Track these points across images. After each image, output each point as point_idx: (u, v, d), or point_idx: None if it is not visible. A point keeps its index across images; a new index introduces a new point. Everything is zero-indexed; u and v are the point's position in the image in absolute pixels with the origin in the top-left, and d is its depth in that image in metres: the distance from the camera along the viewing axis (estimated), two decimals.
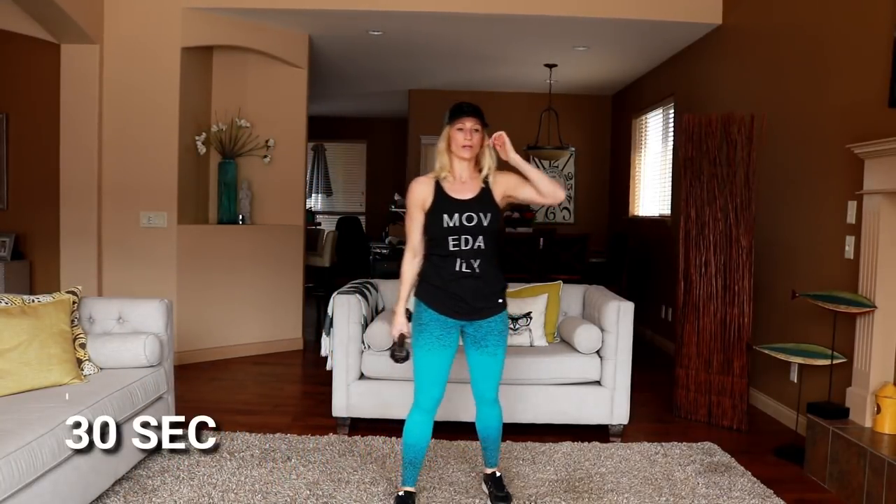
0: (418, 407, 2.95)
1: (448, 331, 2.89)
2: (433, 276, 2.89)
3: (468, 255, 2.83)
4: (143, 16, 5.36)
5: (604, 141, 9.08)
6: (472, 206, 2.85)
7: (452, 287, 2.85)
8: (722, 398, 4.38)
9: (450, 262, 2.85)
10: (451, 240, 2.83)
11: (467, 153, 2.85)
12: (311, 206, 11.91)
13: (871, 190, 3.55)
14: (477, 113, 2.85)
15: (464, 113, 2.84)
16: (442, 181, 2.91)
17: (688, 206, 4.51)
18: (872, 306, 3.50)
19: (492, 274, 2.89)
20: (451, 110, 2.87)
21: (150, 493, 3.10)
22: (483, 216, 2.83)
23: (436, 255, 2.89)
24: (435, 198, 2.88)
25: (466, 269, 2.84)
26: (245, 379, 5.29)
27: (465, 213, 2.83)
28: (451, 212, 2.83)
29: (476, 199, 2.87)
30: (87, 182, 5.36)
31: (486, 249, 2.85)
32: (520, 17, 5.53)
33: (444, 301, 2.86)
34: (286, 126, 6.21)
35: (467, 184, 2.90)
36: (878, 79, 3.59)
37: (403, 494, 3.00)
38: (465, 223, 2.82)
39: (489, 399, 3.03)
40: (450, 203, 2.86)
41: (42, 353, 3.04)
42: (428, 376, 2.91)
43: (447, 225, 2.83)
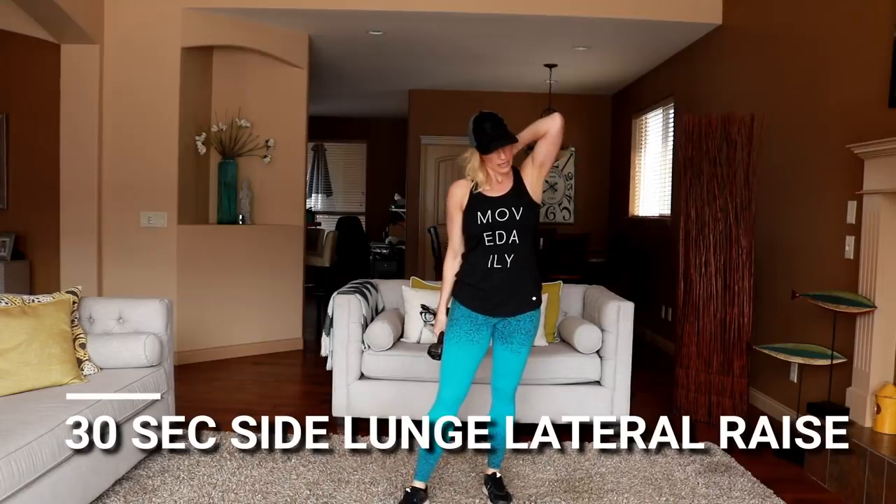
0: (441, 402, 2.96)
1: (478, 328, 2.92)
2: (467, 274, 2.94)
3: (502, 250, 2.86)
4: (143, 16, 5.36)
5: (604, 141, 9.07)
6: (505, 202, 2.87)
7: (484, 283, 2.89)
8: (722, 398, 4.38)
9: (483, 259, 2.89)
10: (486, 236, 2.87)
11: (504, 169, 2.87)
12: (311, 206, 11.91)
13: (871, 190, 3.56)
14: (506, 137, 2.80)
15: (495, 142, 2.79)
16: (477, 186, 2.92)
17: (688, 206, 4.51)
18: (872, 306, 3.50)
19: (525, 270, 2.91)
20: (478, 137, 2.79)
21: (150, 493, 3.10)
22: (516, 210, 2.86)
23: (472, 254, 2.93)
24: (471, 198, 2.91)
25: (498, 263, 2.87)
26: (245, 379, 5.29)
27: (497, 209, 2.85)
28: (485, 209, 2.86)
29: (509, 194, 2.89)
30: (87, 182, 5.37)
31: (521, 244, 2.88)
32: (520, 17, 5.53)
33: (475, 298, 2.91)
34: (286, 126, 6.21)
35: (502, 183, 2.92)
36: (878, 79, 3.59)
37: (411, 490, 3.03)
38: (497, 219, 2.85)
39: (506, 395, 3.05)
40: (483, 201, 2.88)
41: (42, 353, 3.04)
42: (453, 371, 2.93)
43: (480, 221, 2.85)
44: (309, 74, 6.31)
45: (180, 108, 5.45)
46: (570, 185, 9.19)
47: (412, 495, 3.01)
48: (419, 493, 3.02)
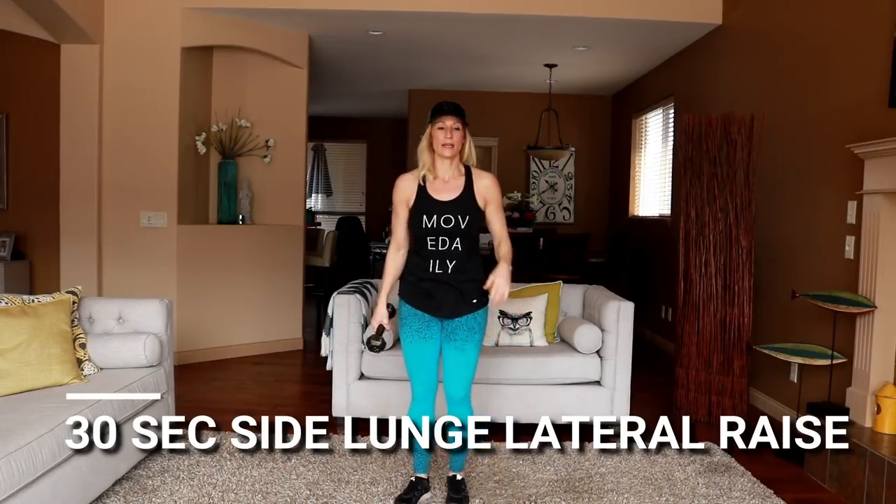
0: (415, 397, 3.04)
1: (426, 324, 2.95)
2: (410, 273, 2.96)
3: (444, 256, 2.87)
4: (143, 16, 5.36)
5: (604, 141, 9.07)
6: (451, 208, 2.86)
7: (426, 285, 2.91)
8: (722, 398, 4.38)
9: (425, 262, 2.90)
10: (430, 240, 2.87)
11: (448, 151, 2.85)
12: (311, 206, 11.91)
13: (871, 190, 3.55)
14: (457, 111, 2.86)
15: (444, 112, 2.85)
16: (425, 180, 2.91)
17: (688, 206, 4.50)
18: (872, 306, 3.50)
19: (467, 276, 2.90)
20: (432, 109, 2.89)
21: (150, 493, 3.10)
22: (461, 219, 2.85)
23: (415, 254, 2.94)
24: (417, 197, 2.90)
25: (440, 269, 2.88)
26: (245, 379, 5.29)
27: (443, 214, 2.85)
28: (430, 212, 2.86)
29: (456, 200, 2.88)
30: (87, 182, 5.37)
31: (462, 251, 2.88)
32: (520, 17, 5.53)
33: (418, 298, 2.93)
34: (286, 126, 6.21)
35: (449, 183, 2.91)
36: (878, 79, 3.59)
37: (415, 480, 3.11)
38: (442, 225, 2.85)
39: (455, 398, 3.00)
40: (430, 203, 2.88)
41: (42, 353, 3.04)
42: (414, 367, 3.00)
43: (425, 225, 2.86)
44: (309, 74, 6.31)
45: (180, 108, 5.44)
46: (570, 185, 9.19)
47: (416, 483, 3.10)
48: (423, 482, 3.11)
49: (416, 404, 3.04)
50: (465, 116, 2.88)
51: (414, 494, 3.08)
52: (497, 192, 2.95)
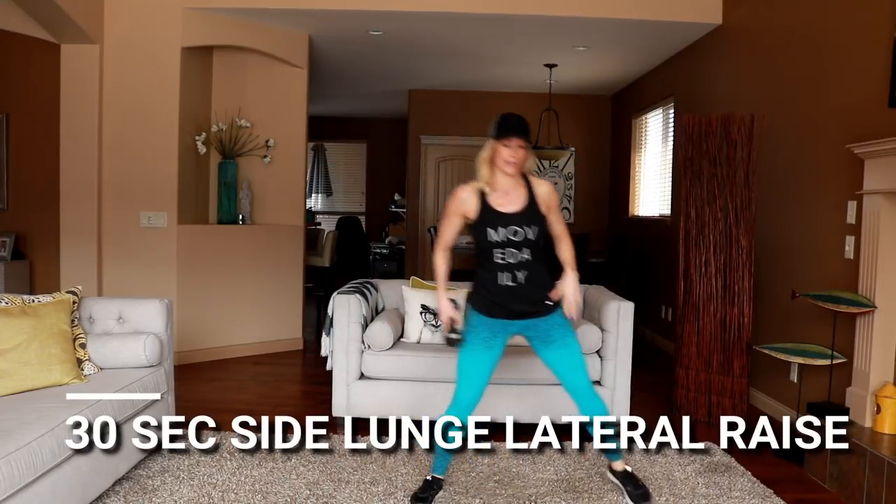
0: (456, 404, 3.01)
1: (494, 334, 2.96)
2: (482, 287, 2.96)
3: (513, 268, 2.89)
4: (143, 16, 5.36)
5: (604, 141, 9.08)
6: (518, 220, 2.87)
7: (499, 298, 2.93)
8: (722, 398, 4.38)
9: (494, 275, 2.91)
10: (497, 252, 2.88)
11: (511, 169, 2.85)
12: (311, 206, 11.91)
13: (871, 190, 3.56)
14: (525, 131, 2.84)
15: (512, 131, 2.82)
16: (484, 193, 2.91)
17: (688, 206, 4.51)
18: (872, 306, 3.50)
19: (536, 282, 2.94)
20: (499, 124, 2.84)
21: (150, 493, 3.10)
22: (529, 229, 2.87)
23: (483, 268, 2.95)
24: (481, 210, 2.89)
25: (511, 281, 2.90)
26: (245, 379, 5.29)
27: (510, 226, 2.86)
28: (496, 225, 2.86)
29: (522, 212, 2.88)
30: (87, 182, 5.37)
31: (532, 260, 2.90)
32: (520, 17, 5.53)
33: (492, 307, 2.94)
34: (286, 126, 6.21)
35: (511, 195, 2.90)
36: (878, 79, 3.59)
37: (431, 479, 3.11)
38: (511, 237, 2.86)
39: (584, 390, 3.00)
40: (495, 216, 2.87)
41: (42, 353, 3.04)
42: (468, 375, 2.98)
43: (492, 239, 2.86)
44: (309, 74, 6.31)
45: (180, 109, 5.44)
46: (570, 185, 9.19)
47: (433, 483, 3.10)
48: (439, 482, 3.12)
49: (455, 408, 3.00)
50: (530, 136, 2.87)
51: (430, 494, 3.08)
52: (556, 198, 3.00)
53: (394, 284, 4.63)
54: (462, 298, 4.41)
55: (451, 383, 3.95)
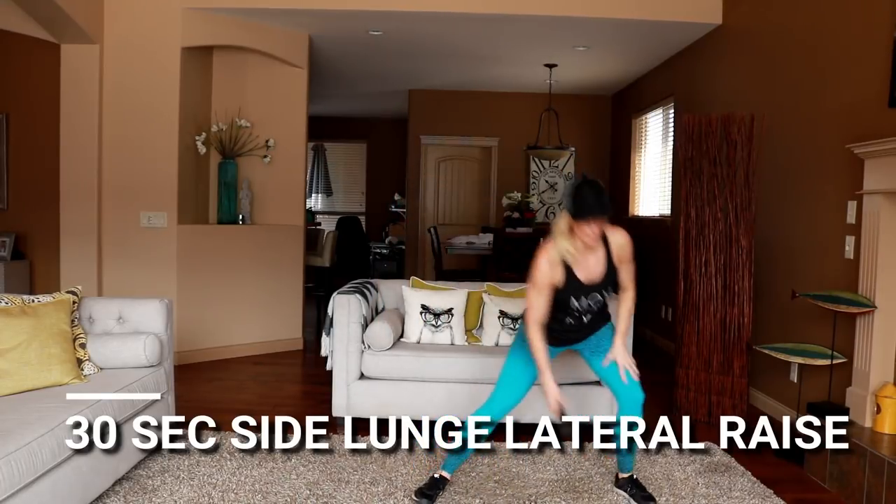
0: (489, 407, 3.07)
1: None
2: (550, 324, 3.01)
3: (582, 314, 3.01)
4: (143, 16, 5.36)
5: (604, 141, 9.08)
6: (599, 287, 2.95)
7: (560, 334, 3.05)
8: (722, 398, 4.38)
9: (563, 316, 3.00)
10: (574, 312, 2.99)
11: (592, 243, 2.87)
12: (311, 206, 11.91)
13: (871, 190, 3.55)
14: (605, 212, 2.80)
15: (594, 214, 2.78)
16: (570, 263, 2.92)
17: (688, 206, 4.51)
18: (872, 306, 3.50)
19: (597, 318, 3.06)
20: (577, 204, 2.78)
21: (150, 493, 3.10)
22: (606, 293, 2.98)
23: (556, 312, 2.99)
24: (566, 280, 2.92)
25: (576, 322, 3.03)
26: (245, 379, 5.29)
27: (592, 293, 2.95)
28: (579, 294, 2.94)
29: (602, 280, 2.95)
30: (87, 182, 5.37)
31: (600, 309, 3.04)
32: (520, 17, 5.53)
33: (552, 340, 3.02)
34: (286, 126, 6.21)
35: (591, 260, 2.93)
36: (878, 79, 3.59)
37: (438, 477, 3.14)
38: (590, 303, 2.97)
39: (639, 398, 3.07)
40: (579, 287, 2.93)
41: (42, 353, 3.04)
42: (510, 384, 3.07)
43: (574, 306, 2.96)
44: (309, 74, 6.31)
45: (180, 109, 5.44)
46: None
47: (440, 481, 3.14)
48: (446, 481, 3.16)
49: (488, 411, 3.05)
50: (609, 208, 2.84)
51: (435, 492, 3.11)
52: (630, 250, 3.00)
53: (394, 284, 4.62)
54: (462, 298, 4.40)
55: (452, 383, 3.97)
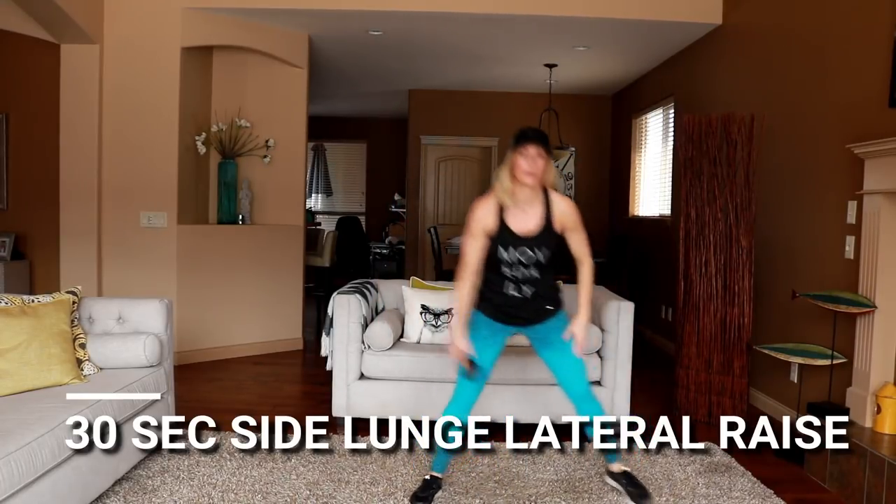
0: (455, 402, 3.05)
1: (494, 333, 3.00)
2: (486, 289, 2.98)
3: (519, 282, 2.93)
4: (142, 16, 5.36)
5: (604, 141, 9.08)
6: (531, 243, 2.88)
7: (503, 307, 2.97)
8: (722, 398, 4.37)
9: (501, 284, 2.94)
10: (504, 268, 2.91)
11: (530, 180, 2.83)
12: (311, 206, 11.91)
13: (871, 190, 3.55)
14: (541, 139, 2.84)
15: (528, 139, 2.82)
16: (504, 208, 2.89)
17: (688, 206, 4.51)
18: (872, 306, 3.50)
19: (542, 294, 2.98)
20: (516, 136, 2.85)
21: (150, 493, 3.10)
22: (540, 252, 2.89)
23: (491, 273, 2.96)
24: (498, 228, 2.89)
25: (517, 293, 2.94)
26: (245, 379, 5.29)
27: (521, 247, 2.87)
28: (508, 245, 2.87)
29: (535, 235, 2.88)
30: (87, 182, 5.37)
31: (540, 278, 2.94)
32: (520, 17, 5.53)
33: (494, 312, 2.98)
34: (286, 126, 6.21)
35: (528, 212, 2.89)
36: (878, 79, 3.59)
37: (430, 478, 3.12)
38: (520, 258, 2.89)
39: (581, 393, 3.03)
40: (509, 236, 2.88)
41: (42, 353, 3.04)
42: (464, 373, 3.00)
43: (501, 257, 2.88)
44: (309, 74, 6.31)
45: (180, 109, 5.44)
46: (570, 185, 9.19)
47: (432, 482, 3.12)
48: (438, 481, 3.14)
49: (454, 406, 3.03)
50: (549, 144, 2.86)
51: (430, 493, 3.09)
52: (575, 216, 2.96)
53: (394, 284, 4.63)
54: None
55: (452, 383, 3.96)
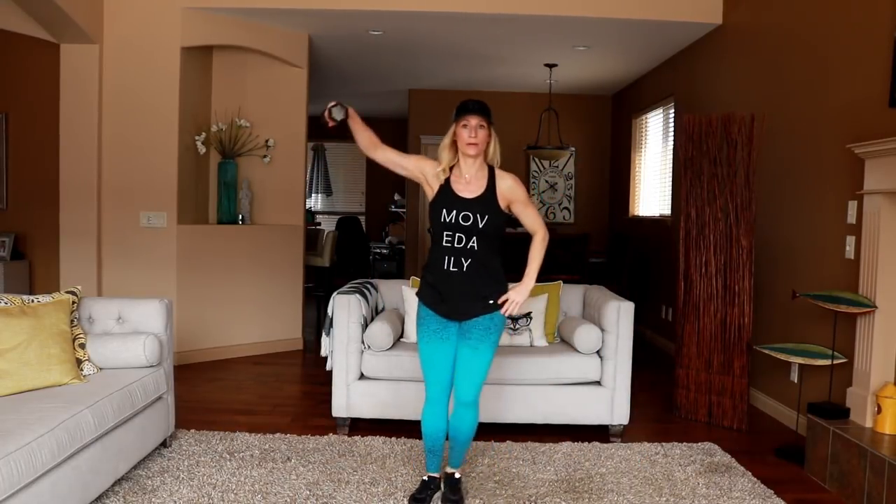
0: (428, 399, 3.01)
1: (444, 325, 2.95)
2: (428, 272, 2.96)
3: (458, 254, 2.86)
4: (142, 16, 5.36)
5: (604, 141, 9.08)
6: (472, 206, 2.85)
7: (441, 285, 2.90)
8: (722, 398, 4.37)
9: (441, 259, 2.89)
10: (446, 235, 2.87)
11: (472, 150, 2.84)
12: (311, 206, 11.91)
13: (871, 190, 3.55)
14: (483, 110, 2.85)
15: (469, 110, 2.84)
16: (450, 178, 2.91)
17: (688, 206, 4.50)
18: (873, 306, 3.50)
19: (482, 275, 2.89)
20: (458, 107, 2.88)
21: (150, 493, 3.10)
22: (480, 218, 2.83)
23: (432, 252, 2.96)
24: (440, 190, 2.90)
25: (454, 267, 2.87)
26: (245, 379, 5.28)
27: (462, 211, 2.84)
28: (450, 207, 2.85)
29: (477, 199, 2.86)
30: (86, 182, 5.36)
31: (479, 251, 2.86)
32: (520, 17, 5.53)
33: (434, 301, 2.93)
34: (286, 126, 6.21)
35: (472, 183, 2.89)
36: (878, 79, 3.59)
37: (427, 479, 3.10)
38: (460, 221, 2.84)
39: (465, 401, 2.96)
40: (450, 198, 2.87)
41: (42, 353, 3.04)
42: (430, 367, 2.97)
43: (443, 220, 2.85)
44: (309, 74, 6.31)
45: (180, 108, 5.44)
46: (570, 185, 9.19)
47: (429, 483, 3.10)
48: (435, 481, 3.11)
49: (429, 406, 3.00)
50: (491, 116, 2.87)
51: (427, 494, 3.07)
52: (521, 190, 2.93)
53: (394, 284, 4.62)
54: None
55: None
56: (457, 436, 3.03)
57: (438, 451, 3.05)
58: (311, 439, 3.85)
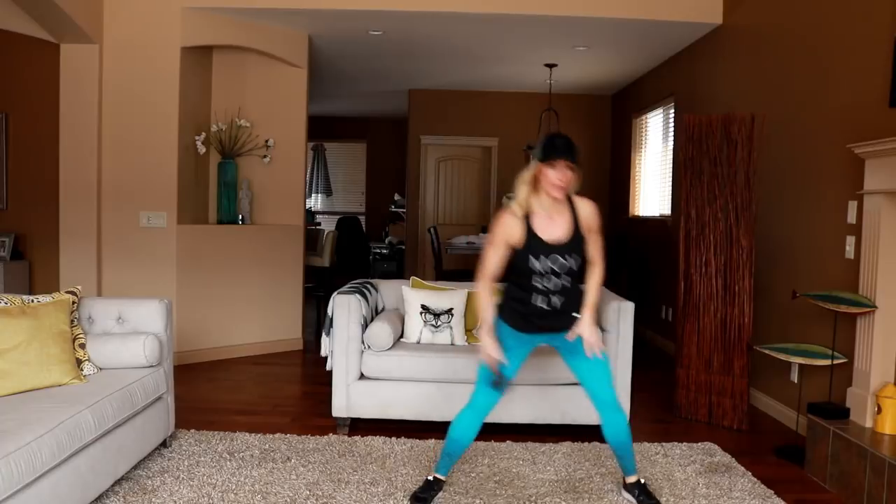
0: (472, 406, 3.00)
1: (519, 342, 2.95)
2: (513, 301, 2.93)
3: (550, 293, 2.87)
4: (142, 16, 5.36)
5: (604, 141, 9.08)
6: (562, 251, 2.82)
7: (531, 317, 2.91)
8: (722, 398, 4.37)
9: (530, 295, 2.87)
10: (535, 278, 2.84)
11: (559, 193, 2.78)
12: (311, 206, 11.91)
13: (871, 190, 3.55)
14: (572, 152, 2.76)
15: (559, 152, 2.74)
16: (530, 215, 2.83)
17: (688, 206, 4.50)
18: (873, 306, 3.50)
19: (571, 302, 2.93)
20: (545, 145, 2.77)
21: (150, 494, 3.10)
22: (572, 259, 2.83)
23: (519, 284, 2.89)
24: (526, 237, 2.81)
25: (545, 305, 2.88)
26: (245, 379, 5.28)
27: (553, 254, 2.81)
28: (539, 254, 2.80)
29: (566, 242, 2.83)
30: (86, 182, 5.36)
31: (570, 287, 2.89)
32: (520, 16, 5.53)
33: (521, 322, 2.93)
34: (286, 126, 6.21)
35: (555, 219, 2.84)
36: (878, 79, 3.59)
37: (432, 479, 3.10)
38: (553, 267, 2.82)
39: (609, 402, 2.99)
40: (540, 245, 2.81)
41: (42, 353, 3.04)
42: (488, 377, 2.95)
43: (534, 267, 2.81)
44: (309, 74, 6.31)
45: (180, 108, 5.44)
46: None
47: (434, 483, 3.09)
48: (440, 483, 3.11)
49: (470, 412, 3.00)
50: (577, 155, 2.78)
51: (430, 494, 3.08)
52: (597, 219, 2.92)
53: (394, 284, 4.62)
54: (462, 298, 4.41)
55: (451, 383, 3.97)
56: (618, 441, 3.02)
57: (457, 457, 3.08)
58: (311, 439, 3.85)
